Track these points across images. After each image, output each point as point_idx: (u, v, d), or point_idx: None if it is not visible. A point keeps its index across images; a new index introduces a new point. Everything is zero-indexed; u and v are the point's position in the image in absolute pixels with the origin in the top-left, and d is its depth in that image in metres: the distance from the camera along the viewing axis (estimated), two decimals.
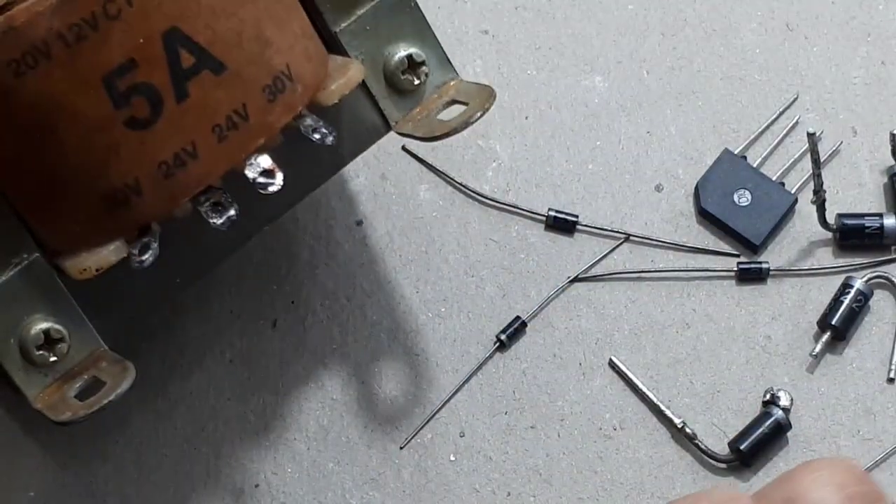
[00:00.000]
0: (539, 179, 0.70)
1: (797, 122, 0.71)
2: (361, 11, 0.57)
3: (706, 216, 0.69)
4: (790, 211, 0.69)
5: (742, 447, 0.65)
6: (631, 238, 0.69)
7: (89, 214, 0.51)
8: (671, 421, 0.66)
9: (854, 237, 0.68)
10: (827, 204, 0.67)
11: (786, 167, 0.69)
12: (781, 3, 0.73)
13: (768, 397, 0.66)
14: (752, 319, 0.68)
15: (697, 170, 0.70)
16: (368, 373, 0.67)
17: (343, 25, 0.57)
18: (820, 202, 0.66)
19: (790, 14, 0.72)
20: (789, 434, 0.65)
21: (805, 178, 0.69)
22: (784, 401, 0.65)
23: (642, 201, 0.70)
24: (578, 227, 0.69)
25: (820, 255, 0.69)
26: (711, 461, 0.65)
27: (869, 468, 0.65)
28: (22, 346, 0.53)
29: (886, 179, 0.69)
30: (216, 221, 0.53)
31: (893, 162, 0.69)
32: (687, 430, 0.65)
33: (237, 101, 0.52)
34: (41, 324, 0.53)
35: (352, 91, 0.55)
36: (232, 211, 0.53)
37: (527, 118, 0.71)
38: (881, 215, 0.68)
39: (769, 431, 0.65)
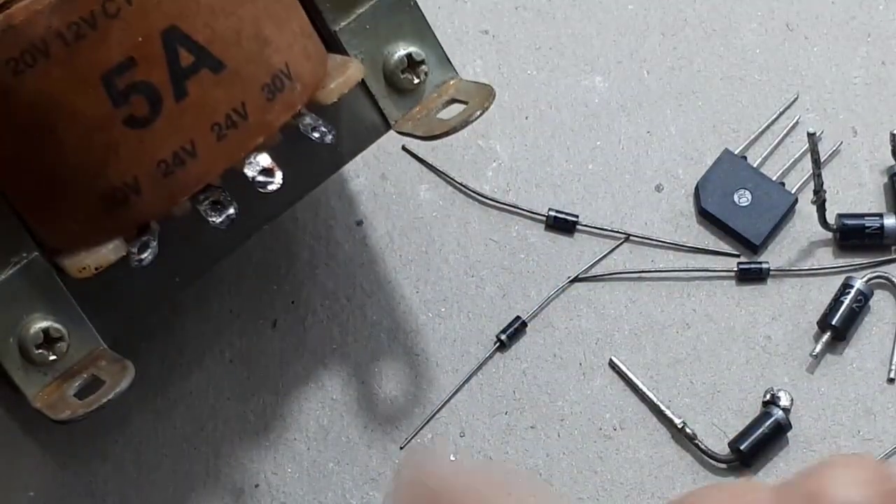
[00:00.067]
0: (539, 179, 0.70)
1: (797, 122, 0.70)
2: (361, 10, 0.57)
3: (706, 216, 0.69)
4: (790, 211, 0.69)
5: (742, 447, 0.65)
6: (631, 238, 0.69)
7: (88, 213, 0.51)
8: (671, 421, 0.66)
9: (854, 237, 0.68)
10: (827, 204, 0.66)
11: (786, 167, 0.69)
12: (781, 3, 0.73)
13: (768, 397, 0.65)
14: (753, 319, 0.68)
15: (697, 170, 0.70)
16: (368, 373, 0.67)
17: (342, 24, 0.57)
18: (820, 202, 0.66)
19: (790, 14, 0.72)
20: (789, 434, 0.65)
21: (805, 178, 0.69)
22: (784, 401, 0.65)
23: (642, 201, 0.70)
24: (578, 227, 0.69)
25: (820, 255, 0.69)
26: (711, 461, 0.65)
27: None
28: (21, 345, 0.53)
29: (886, 179, 0.69)
30: (215, 220, 0.53)
31: (893, 162, 0.69)
32: (687, 430, 0.65)
33: (236, 100, 0.52)
34: (40, 322, 0.53)
35: (351, 90, 0.55)
36: (231, 210, 0.53)
37: (527, 118, 0.71)
38: (881, 215, 0.68)
39: (769, 431, 0.65)
